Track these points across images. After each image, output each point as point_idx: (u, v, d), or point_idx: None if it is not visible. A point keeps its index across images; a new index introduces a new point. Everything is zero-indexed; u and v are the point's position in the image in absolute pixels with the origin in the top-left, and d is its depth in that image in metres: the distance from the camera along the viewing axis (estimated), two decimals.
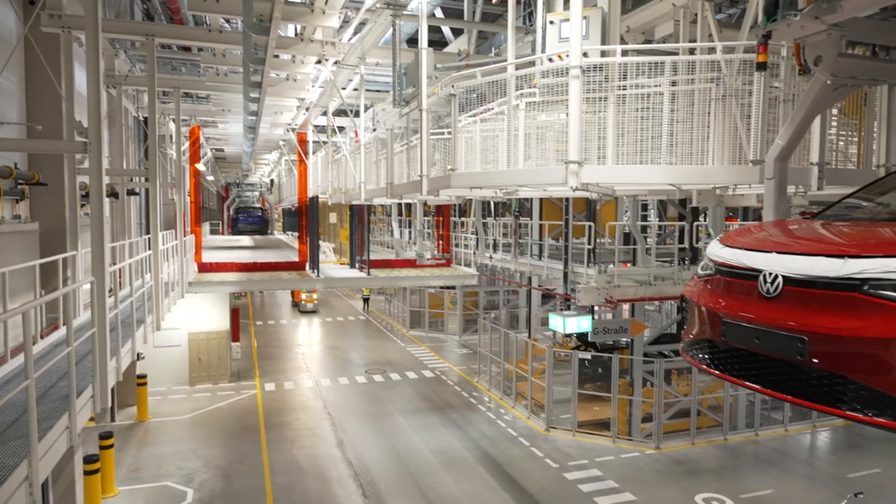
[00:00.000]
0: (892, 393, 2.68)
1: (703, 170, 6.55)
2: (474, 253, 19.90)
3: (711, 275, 3.68)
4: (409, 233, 25.98)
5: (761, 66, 4.05)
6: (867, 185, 4.15)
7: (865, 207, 3.88)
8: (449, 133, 9.29)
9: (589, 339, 15.31)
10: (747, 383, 3.30)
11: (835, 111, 6.73)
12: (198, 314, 18.83)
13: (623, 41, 8.88)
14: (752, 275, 3.27)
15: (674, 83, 6.62)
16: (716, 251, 3.70)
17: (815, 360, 2.90)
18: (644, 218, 17.74)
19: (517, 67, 8.03)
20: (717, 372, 3.55)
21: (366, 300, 34.99)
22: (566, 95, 6.77)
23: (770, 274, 3.16)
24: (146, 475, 12.78)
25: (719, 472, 13.19)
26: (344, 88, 16.47)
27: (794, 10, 3.51)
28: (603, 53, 7.24)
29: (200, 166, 22.01)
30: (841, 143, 7.02)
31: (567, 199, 15.29)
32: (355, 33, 14.54)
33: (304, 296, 33.22)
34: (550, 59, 7.69)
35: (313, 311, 33.28)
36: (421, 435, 15.25)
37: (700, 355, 3.68)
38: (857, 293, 2.80)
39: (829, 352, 2.85)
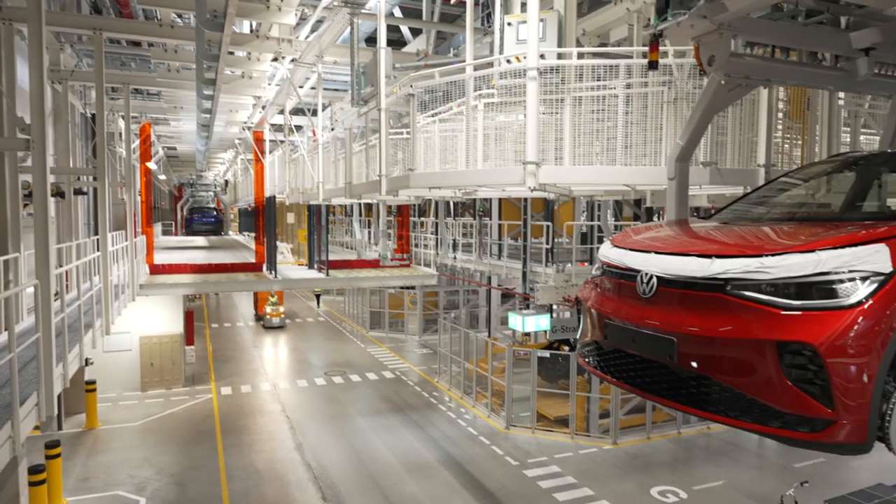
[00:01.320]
0: (751, 395, 2.67)
1: (657, 171, 6.71)
2: (438, 253, 19.91)
3: (600, 276, 3.63)
4: (370, 233, 25.83)
5: (653, 65, 4.01)
6: (763, 185, 4.24)
7: (756, 208, 3.91)
8: (408, 133, 9.27)
9: (548, 337, 15.51)
10: (627, 385, 3.25)
11: (780, 115, 6.99)
12: (150, 317, 18.28)
13: (579, 44, 9.03)
14: (632, 275, 3.22)
15: (628, 86, 6.76)
16: (604, 251, 3.64)
17: (682, 362, 2.88)
18: (598, 218, 18.07)
19: (476, 68, 8.08)
20: (601, 373, 3.49)
21: (317, 296, 34.70)
22: (524, 97, 6.85)
23: (646, 274, 3.12)
24: (96, 484, 12.35)
25: (673, 465, 13.54)
26: (301, 87, 16.26)
27: (683, 10, 3.46)
28: (559, 56, 7.35)
29: (152, 165, 21.40)
30: (786, 145, 7.30)
31: (525, 200, 15.45)
32: (312, 31, 14.37)
33: (269, 308, 28.37)
34: (508, 61, 7.76)
35: (280, 327, 28.53)
36: (381, 436, 15.18)
37: (589, 357, 3.61)
38: (721, 293, 2.77)
39: (694, 353, 2.83)
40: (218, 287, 17.30)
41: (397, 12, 18.20)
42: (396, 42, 19.82)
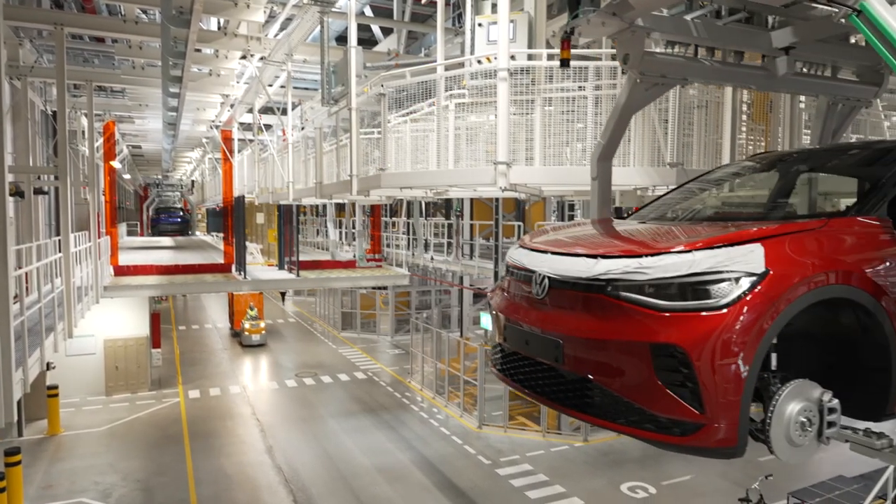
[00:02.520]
0: (627, 398, 2.65)
1: (625, 171, 6.80)
2: (413, 254, 19.84)
3: (506, 278, 3.55)
4: (342, 233, 25.65)
5: (564, 63, 3.95)
6: (683, 183, 4.18)
7: (671, 207, 3.89)
8: (379, 133, 9.24)
9: None
10: (524, 389, 3.20)
11: (744, 117, 7.15)
12: (114, 320, 17.85)
13: (549, 45, 9.10)
14: (530, 276, 3.15)
15: (597, 87, 6.84)
16: (510, 252, 3.58)
17: (567, 364, 2.85)
18: (571, 218, 18.23)
19: (447, 68, 8.08)
20: (502, 377, 3.43)
21: (282, 294, 34.43)
22: (495, 97, 6.88)
23: (539, 275, 3.07)
24: (59, 492, 12.02)
25: (643, 461, 13.75)
26: (270, 85, 16.06)
27: (593, 7, 3.42)
28: (530, 57, 7.40)
29: (116, 164, 20.89)
30: (750, 146, 7.47)
31: (497, 200, 15.53)
32: (282, 29, 14.20)
33: (247, 324, 24.69)
34: (479, 61, 7.78)
35: (261, 345, 24.80)
36: (353, 437, 15.09)
37: (495, 361, 3.54)
38: (602, 294, 2.73)
39: (577, 355, 2.81)
40: (185, 288, 16.98)
41: (368, 11, 18.13)
42: (367, 41, 19.72)
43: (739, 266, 2.51)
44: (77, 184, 18.39)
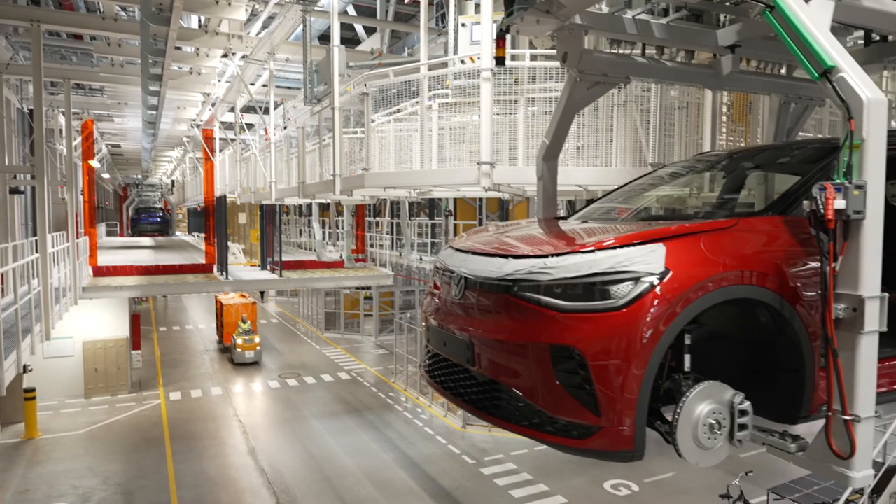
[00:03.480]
0: (530, 400, 2.61)
1: (608, 171, 6.85)
2: (400, 254, 19.78)
3: (435, 279, 3.51)
4: (327, 234, 25.53)
5: (499, 62, 3.91)
6: (631, 181, 4.17)
7: (612, 206, 3.86)
8: (363, 132, 9.20)
9: None
10: (444, 391, 3.15)
11: (724, 118, 7.23)
12: (94, 321, 17.59)
13: (532, 46, 9.14)
14: (451, 277, 3.10)
15: None
16: (439, 253, 3.52)
17: (477, 365, 2.81)
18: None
19: (430, 68, 8.08)
20: (428, 378, 3.38)
21: (262, 293, 34.35)
22: (478, 97, 6.89)
23: (457, 276, 3.02)
24: (37, 496, 11.81)
25: None
26: (252, 84, 15.93)
27: (527, 5, 3.35)
28: (513, 57, 7.41)
29: (95, 163, 20.60)
30: (731, 147, 7.56)
31: (481, 199, 15.56)
32: (264, 27, 14.10)
33: (240, 339, 21.53)
34: (462, 61, 7.79)
35: (254, 363, 21.73)
36: (337, 438, 15.02)
37: (424, 362, 3.50)
38: (508, 294, 2.68)
39: (485, 356, 2.77)
40: (166, 289, 16.77)
41: (351, 10, 18.05)
42: (350, 40, 19.65)
43: (639, 266, 2.47)
44: (54, 183, 18.10)
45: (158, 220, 46.34)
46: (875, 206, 2.41)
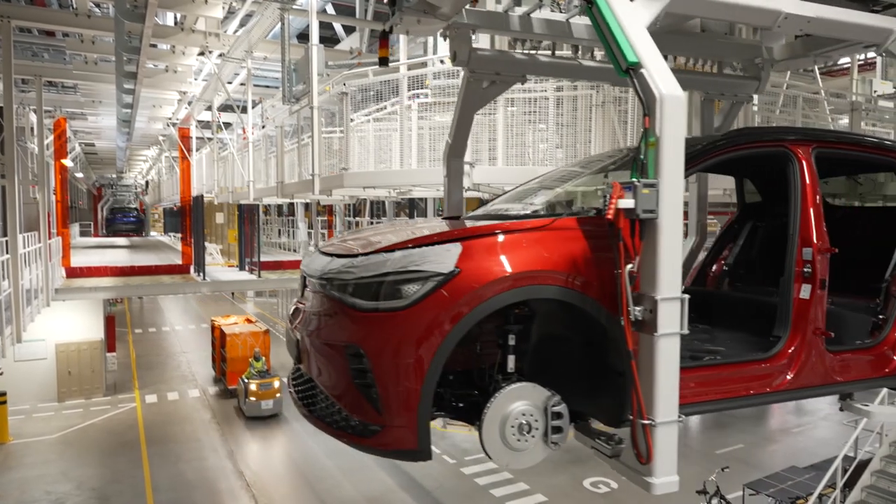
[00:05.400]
0: (333, 398, 2.63)
1: None
2: None
3: None
4: (309, 234, 25.38)
5: (382, 62, 3.89)
6: (533, 179, 4.09)
7: (502, 205, 3.78)
8: (342, 132, 9.16)
9: None
10: (293, 394, 3.12)
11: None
12: (67, 323, 17.25)
13: (511, 46, 9.20)
14: (304, 279, 3.11)
15: (558, 88, 6.93)
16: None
17: (302, 363, 2.85)
18: None
19: (409, 68, 8.07)
20: (289, 379, 3.36)
21: (232, 293, 34.16)
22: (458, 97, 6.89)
23: (302, 276, 3.05)
24: (8, 502, 11.56)
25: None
26: (230, 83, 15.78)
27: (408, 4, 3.30)
28: None
29: (68, 162, 20.23)
30: None
31: None
32: (241, 25, 13.96)
33: (253, 383, 15.82)
34: (442, 61, 7.80)
35: (273, 416, 16.05)
36: (316, 440, 14.91)
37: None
38: (322, 293, 2.71)
39: (304, 354, 2.79)
40: (141, 290, 16.55)
41: (330, 9, 17.94)
42: (329, 39, 19.52)
43: (429, 266, 2.45)
44: (26, 182, 17.73)
45: (133, 219, 46.53)
46: (671, 206, 2.32)
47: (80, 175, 37.12)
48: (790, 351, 2.98)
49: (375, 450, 2.57)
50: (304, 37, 14.10)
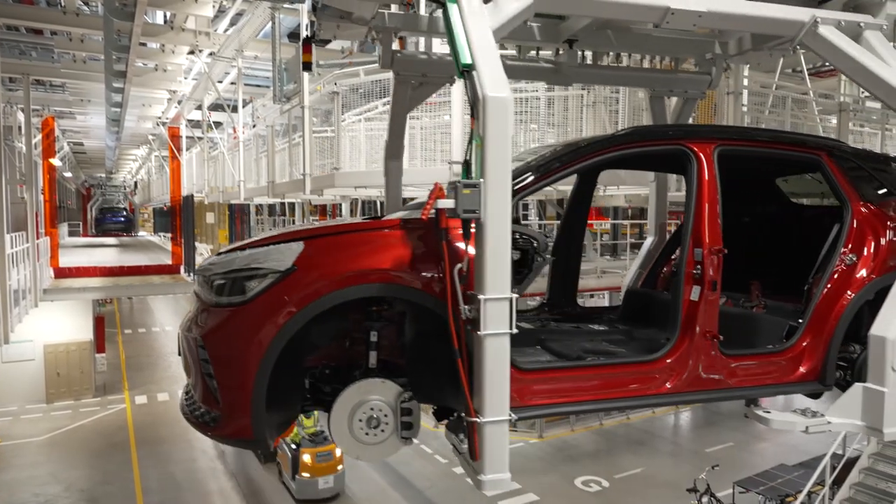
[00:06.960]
0: (193, 391, 2.77)
1: None
2: None
3: None
4: None
5: (306, 67, 3.93)
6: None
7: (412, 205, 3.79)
8: (333, 131, 9.14)
9: None
10: (181, 401, 3.21)
11: (690, 120, 7.36)
12: (55, 324, 17.11)
13: (503, 47, 9.22)
14: None
15: (549, 89, 6.95)
16: None
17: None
18: (525, 217, 18.45)
19: None
20: None
21: None
22: (449, 97, 6.90)
23: None
24: None
25: (596, 455, 14.03)
26: (220, 82, 15.70)
27: (324, 11, 3.31)
28: None
29: (56, 161, 20.07)
30: None
31: None
32: (232, 24, 13.89)
33: (306, 454, 11.49)
34: None
35: (334, 497, 11.78)
36: None
37: None
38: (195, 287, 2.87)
39: (189, 353, 2.85)
40: (131, 291, 16.45)
41: None
42: (320, 38, 19.46)
43: (270, 263, 2.55)
44: (13, 182, 17.57)
45: (122, 219, 46.70)
46: (497, 207, 2.31)
47: (68, 175, 36.82)
48: (677, 354, 2.91)
49: (218, 438, 2.72)
50: (294, 36, 14.05)
